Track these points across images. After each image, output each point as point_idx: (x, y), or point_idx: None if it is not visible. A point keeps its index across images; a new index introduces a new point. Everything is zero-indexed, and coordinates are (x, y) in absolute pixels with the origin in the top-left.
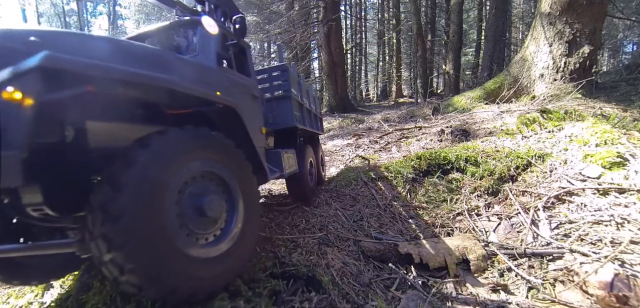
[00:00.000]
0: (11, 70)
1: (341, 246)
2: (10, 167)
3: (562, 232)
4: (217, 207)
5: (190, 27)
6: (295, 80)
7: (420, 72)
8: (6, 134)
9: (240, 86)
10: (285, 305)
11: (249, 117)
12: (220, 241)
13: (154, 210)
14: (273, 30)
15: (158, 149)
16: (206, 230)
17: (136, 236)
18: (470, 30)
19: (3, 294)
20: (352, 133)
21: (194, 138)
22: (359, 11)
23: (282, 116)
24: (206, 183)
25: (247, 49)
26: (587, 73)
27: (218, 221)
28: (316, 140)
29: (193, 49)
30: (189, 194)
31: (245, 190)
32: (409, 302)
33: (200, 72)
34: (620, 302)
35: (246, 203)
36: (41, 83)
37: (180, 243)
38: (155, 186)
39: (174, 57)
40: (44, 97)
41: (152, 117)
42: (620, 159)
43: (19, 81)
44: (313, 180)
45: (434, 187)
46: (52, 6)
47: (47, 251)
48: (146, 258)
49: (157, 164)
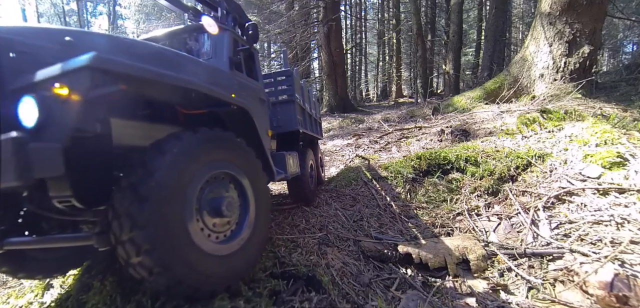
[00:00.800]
0: (60, 67)
1: (341, 246)
2: (53, 158)
3: (562, 232)
4: (233, 207)
5: (203, 31)
6: (298, 85)
7: (420, 72)
8: (52, 127)
9: (249, 89)
10: (285, 305)
11: (257, 119)
12: (232, 239)
13: (177, 198)
14: (273, 30)
15: (178, 153)
16: (220, 228)
17: (158, 219)
18: (470, 30)
19: (3, 294)
20: (352, 133)
21: (209, 140)
22: (359, 11)
23: (286, 120)
24: (224, 184)
25: (255, 54)
26: (587, 73)
27: (231, 220)
28: (315, 144)
29: (205, 52)
30: (208, 191)
31: (258, 191)
32: (409, 302)
33: (215, 74)
34: (620, 302)
35: (258, 204)
36: (88, 81)
37: (195, 237)
38: (181, 176)
39: (192, 60)
40: (88, 94)
41: (167, 116)
42: (620, 159)
43: (68, 78)
44: (313, 182)
45: (434, 187)
46: (52, 6)
47: (65, 244)
48: (163, 243)
49: (186, 156)
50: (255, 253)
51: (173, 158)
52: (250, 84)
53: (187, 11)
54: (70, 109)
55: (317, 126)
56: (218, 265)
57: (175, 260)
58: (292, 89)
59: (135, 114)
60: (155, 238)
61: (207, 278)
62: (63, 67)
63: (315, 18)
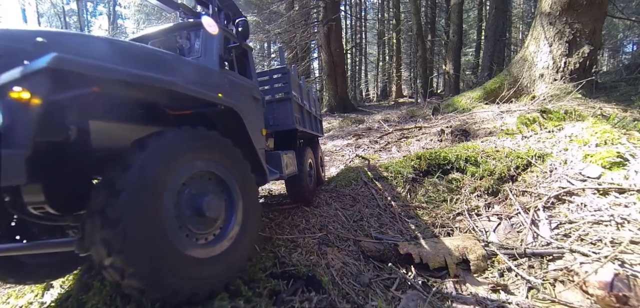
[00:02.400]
0: (20, 71)
1: (341, 246)
2: (15, 165)
3: (562, 232)
4: (216, 207)
5: (193, 29)
6: (296, 82)
7: (420, 72)
8: (12, 133)
9: (241, 88)
10: (285, 305)
11: (249, 118)
12: (220, 240)
13: (152, 213)
14: (273, 30)
15: (154, 151)
16: (206, 230)
17: (135, 240)
18: (470, 30)
19: (3, 294)
20: (352, 133)
21: (190, 138)
22: (359, 11)
23: (283, 118)
24: (205, 183)
25: (248, 52)
26: (587, 73)
27: (217, 220)
28: (316, 142)
29: (196, 51)
30: (188, 195)
31: (244, 188)
32: (409, 302)
33: (203, 73)
34: (620, 302)
35: (245, 201)
36: (49, 84)
37: (179, 244)
38: (153, 188)
39: (177, 58)
40: (51, 97)
41: (154, 118)
42: (620, 159)
43: (27, 81)
44: (312, 182)
45: (434, 187)
46: (52, 6)
47: (47, 249)
48: (146, 261)
49: (154, 166)
50: (249, 247)
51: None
52: (242, 82)
53: (177, 9)
54: (32, 113)
55: (317, 124)
56: (211, 267)
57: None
58: (289, 87)
59: (119, 116)
60: (137, 260)
61: (202, 282)
62: (23, 70)
63: (315, 18)
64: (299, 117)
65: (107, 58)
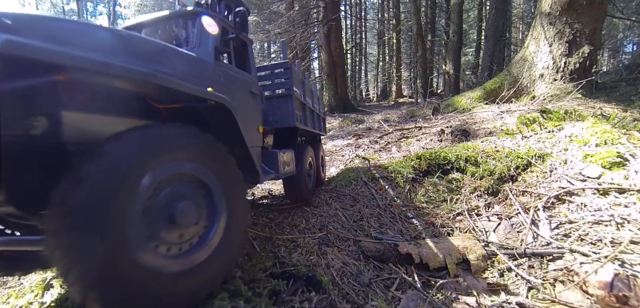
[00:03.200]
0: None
1: (341, 246)
2: None
3: (562, 232)
4: (192, 213)
5: (189, 18)
6: (298, 78)
7: (420, 72)
8: None
9: (237, 82)
10: (285, 305)
11: (244, 114)
12: (197, 250)
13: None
14: (273, 30)
15: (128, 144)
16: (180, 239)
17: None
18: (470, 30)
19: (3, 294)
20: (352, 133)
21: (162, 137)
22: (359, 11)
23: (283, 115)
24: (181, 187)
25: (248, 44)
26: (587, 73)
27: (194, 228)
28: (318, 141)
29: (191, 41)
30: (159, 200)
31: (229, 191)
32: (409, 302)
33: (195, 65)
34: (620, 302)
35: (230, 206)
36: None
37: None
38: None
39: (166, 48)
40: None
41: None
42: (620, 159)
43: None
44: (311, 182)
45: (434, 187)
46: (52, 6)
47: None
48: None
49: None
50: (233, 256)
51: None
52: (239, 76)
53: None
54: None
55: (320, 122)
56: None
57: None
58: (290, 83)
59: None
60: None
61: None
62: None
63: (315, 18)
64: (300, 115)
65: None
